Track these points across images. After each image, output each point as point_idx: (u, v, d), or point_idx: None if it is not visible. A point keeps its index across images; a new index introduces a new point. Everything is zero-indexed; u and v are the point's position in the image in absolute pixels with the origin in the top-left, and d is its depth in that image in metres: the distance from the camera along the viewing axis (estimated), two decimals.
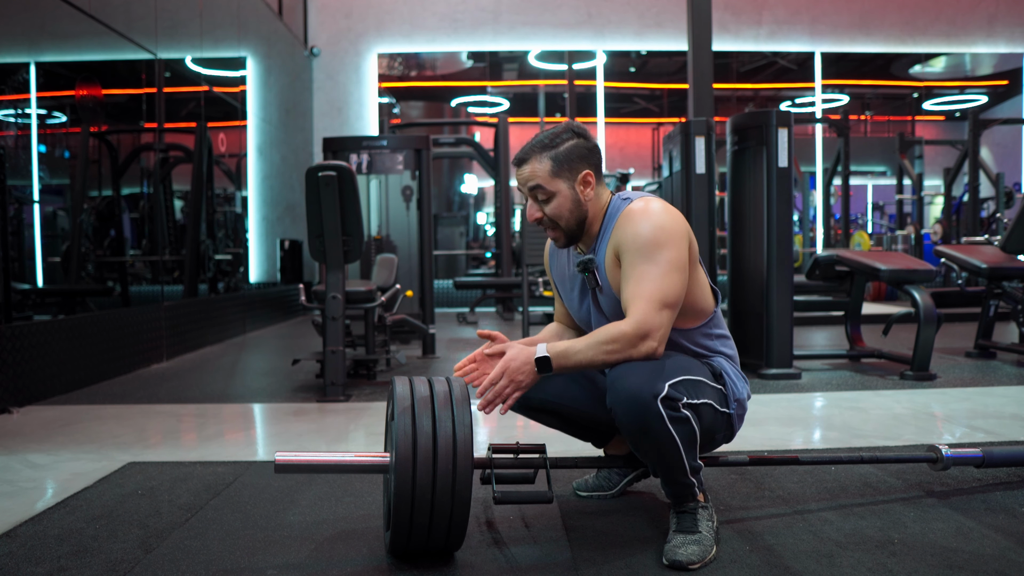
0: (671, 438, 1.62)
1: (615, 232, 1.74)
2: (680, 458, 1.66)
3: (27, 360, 3.60)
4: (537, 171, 1.75)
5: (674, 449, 1.63)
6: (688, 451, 1.66)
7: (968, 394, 3.61)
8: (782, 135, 4.00)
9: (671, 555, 1.65)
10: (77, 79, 4.60)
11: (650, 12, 10.17)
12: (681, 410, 1.61)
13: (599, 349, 1.63)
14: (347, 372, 3.98)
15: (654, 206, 1.73)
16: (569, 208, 1.77)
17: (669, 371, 1.65)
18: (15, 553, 1.77)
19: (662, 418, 1.59)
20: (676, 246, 1.68)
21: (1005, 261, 4.63)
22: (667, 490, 1.76)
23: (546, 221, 1.79)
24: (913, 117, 13.70)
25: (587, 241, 1.85)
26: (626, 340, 1.62)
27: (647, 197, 1.78)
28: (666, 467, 1.69)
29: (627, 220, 1.72)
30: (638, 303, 1.64)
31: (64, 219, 4.58)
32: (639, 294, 1.65)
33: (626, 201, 1.77)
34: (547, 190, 1.76)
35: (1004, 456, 2.16)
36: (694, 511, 1.74)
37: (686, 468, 1.69)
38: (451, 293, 9.35)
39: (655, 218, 1.70)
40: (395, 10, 10.03)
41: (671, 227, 1.70)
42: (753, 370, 4.16)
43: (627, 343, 1.63)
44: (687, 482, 1.72)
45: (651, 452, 1.66)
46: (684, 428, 1.63)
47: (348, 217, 3.62)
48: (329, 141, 5.62)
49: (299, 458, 1.69)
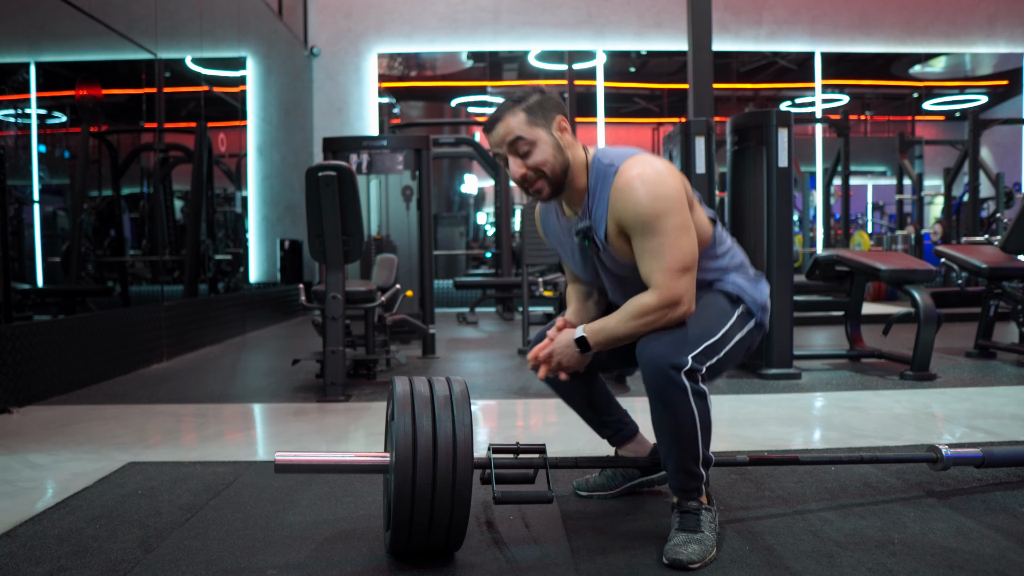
0: (690, 412, 1.68)
1: (614, 204, 1.72)
2: (695, 438, 1.70)
3: (27, 360, 3.60)
4: (513, 124, 1.74)
5: (691, 426, 1.68)
6: (704, 433, 1.71)
7: (968, 394, 3.61)
8: (782, 135, 4.00)
9: (671, 554, 1.65)
10: (77, 79, 4.60)
11: (650, 12, 10.17)
12: (701, 383, 1.69)
13: (633, 323, 1.72)
14: (347, 372, 3.98)
15: (647, 173, 1.70)
16: (552, 154, 1.75)
17: (693, 338, 1.71)
18: (15, 553, 1.77)
19: (685, 390, 1.66)
20: (677, 210, 1.69)
21: (1005, 261, 4.63)
22: (674, 482, 1.76)
23: (530, 175, 1.77)
24: (913, 117, 13.71)
25: (574, 198, 1.82)
26: (657, 311, 1.70)
27: (634, 159, 1.74)
28: (680, 448, 1.71)
29: (625, 192, 1.70)
30: (657, 276, 1.69)
31: (64, 219, 4.58)
32: (657, 268, 1.70)
33: (611, 167, 1.74)
34: (527, 139, 1.74)
35: (1004, 456, 2.16)
36: (697, 511, 1.74)
37: (699, 452, 1.72)
38: (451, 293, 9.35)
39: (653, 187, 1.68)
40: (395, 10, 10.03)
41: (668, 191, 1.69)
42: (753, 370, 4.16)
43: (658, 314, 1.70)
44: (696, 472, 1.73)
45: (667, 425, 1.70)
46: (703, 404, 1.69)
47: (348, 217, 3.62)
48: (329, 141, 5.62)
49: (299, 458, 1.68)
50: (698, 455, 1.72)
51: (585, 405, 2.10)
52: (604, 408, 2.10)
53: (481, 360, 5.01)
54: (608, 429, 2.12)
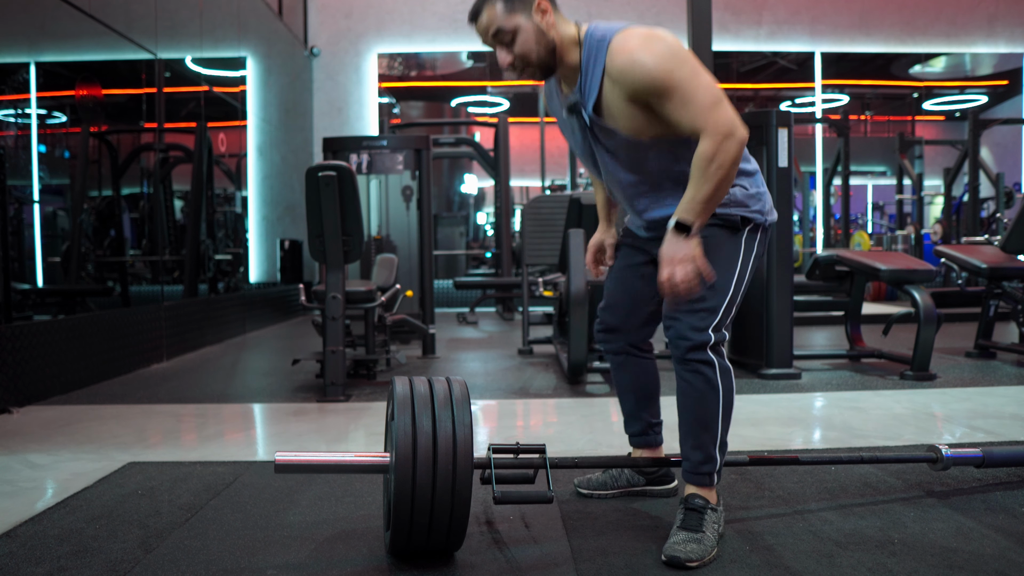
0: (715, 388, 1.75)
1: (617, 77, 1.69)
2: (716, 415, 1.76)
3: (27, 360, 3.60)
4: (492, 16, 1.75)
5: (715, 403, 1.76)
6: (725, 412, 1.78)
7: (968, 394, 3.61)
8: (782, 135, 4.00)
9: (670, 551, 1.65)
10: (77, 79, 4.60)
11: (650, 12, 10.17)
12: (727, 359, 1.79)
13: (705, 176, 1.65)
14: (347, 372, 3.98)
15: (642, 39, 1.68)
16: (535, 39, 1.74)
17: (712, 306, 1.76)
18: (15, 553, 1.77)
19: (713, 366, 1.75)
20: (683, 58, 1.67)
21: (1005, 261, 4.63)
22: (688, 464, 1.79)
23: (516, 63, 1.77)
24: (913, 117, 13.70)
25: (569, 75, 1.81)
26: (716, 152, 1.64)
27: (625, 32, 1.71)
28: (700, 425, 1.76)
29: (629, 66, 1.67)
30: (699, 121, 1.65)
31: (64, 219, 4.58)
32: (693, 114, 1.65)
33: (603, 41, 1.71)
34: (507, 29, 1.74)
35: (1004, 456, 2.16)
36: (702, 510, 1.74)
37: (718, 432, 1.77)
38: (451, 293, 9.35)
39: (653, 51, 1.66)
40: (395, 10, 10.03)
41: (667, 47, 1.66)
42: (753, 370, 4.16)
43: (720, 153, 1.63)
44: (712, 455, 1.77)
45: (691, 400, 1.77)
46: (727, 382, 1.77)
47: (348, 217, 3.62)
48: (329, 141, 5.62)
49: (299, 458, 1.68)
50: (716, 435, 1.76)
51: (632, 389, 2.10)
52: (646, 401, 2.11)
53: (481, 360, 5.01)
54: (638, 424, 2.11)
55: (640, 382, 2.09)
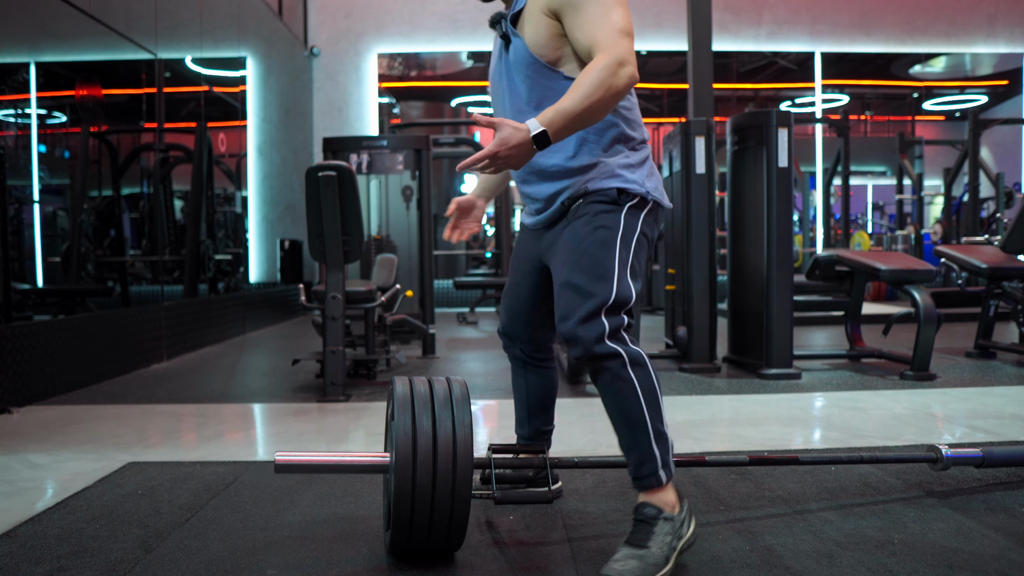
0: (628, 379, 1.60)
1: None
2: (639, 408, 1.60)
3: (27, 360, 3.60)
4: None
5: (632, 395, 1.60)
6: (648, 399, 1.61)
7: (968, 394, 3.61)
8: (782, 135, 4.00)
9: (604, 570, 1.52)
10: (77, 79, 4.60)
11: (650, 12, 10.16)
12: (630, 342, 1.62)
13: (585, 92, 1.50)
14: (347, 372, 3.98)
15: None
16: None
17: (596, 292, 1.61)
18: (15, 553, 1.77)
19: (619, 357, 1.60)
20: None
21: (1005, 261, 4.63)
22: (629, 469, 1.65)
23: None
24: (913, 117, 13.70)
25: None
26: (606, 70, 1.50)
27: None
28: (627, 422, 1.62)
29: None
30: (600, 36, 1.55)
31: (64, 219, 4.58)
32: (598, 29, 1.56)
33: None
34: None
35: (1004, 456, 2.16)
36: (652, 520, 1.59)
37: (647, 425, 1.60)
38: (451, 293, 9.35)
39: None
40: (395, 10, 10.03)
41: None
42: (753, 370, 4.16)
43: (607, 74, 1.50)
44: (648, 451, 1.60)
45: (608, 398, 1.63)
46: (641, 372, 1.61)
47: (348, 217, 3.62)
48: (329, 141, 5.62)
49: (299, 458, 1.68)
50: (647, 429, 1.60)
51: (524, 396, 2.06)
52: (538, 409, 2.07)
53: (481, 360, 5.01)
54: (527, 429, 2.08)
55: (533, 391, 2.05)
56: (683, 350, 4.38)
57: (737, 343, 4.41)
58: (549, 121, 1.51)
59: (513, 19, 1.69)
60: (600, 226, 1.67)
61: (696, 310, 4.27)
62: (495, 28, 1.73)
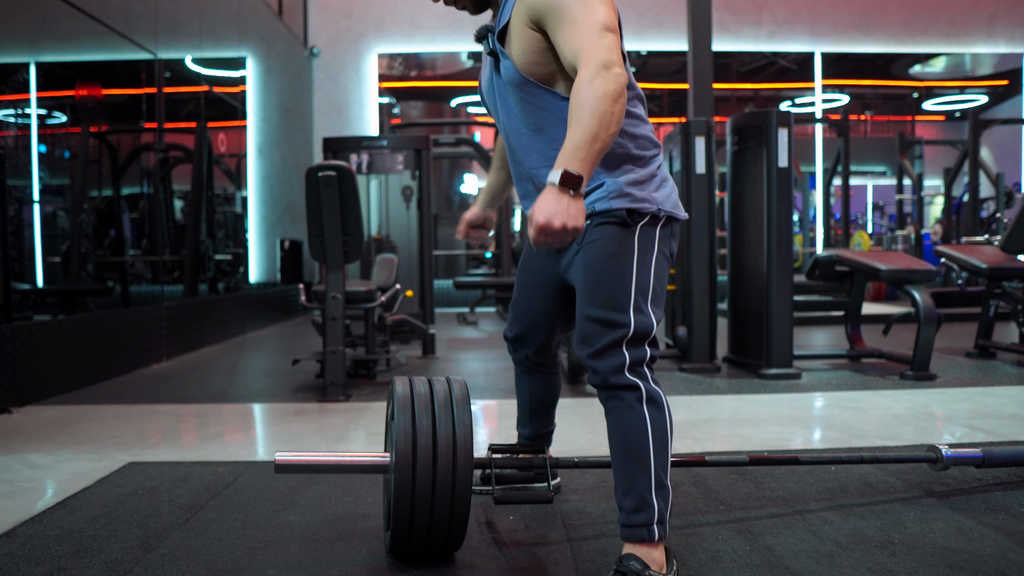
0: (640, 417, 1.51)
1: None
2: (646, 448, 1.50)
3: (27, 360, 3.60)
4: None
5: (641, 433, 1.50)
6: (657, 444, 1.51)
7: (968, 394, 3.61)
8: (782, 135, 4.00)
9: None
10: (77, 79, 4.60)
11: (650, 12, 10.17)
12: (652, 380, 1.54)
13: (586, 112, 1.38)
14: (347, 372, 3.98)
15: None
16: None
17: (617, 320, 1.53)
18: (15, 553, 1.77)
19: (636, 390, 1.51)
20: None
21: (1005, 261, 4.63)
22: (620, 515, 1.53)
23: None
24: (913, 117, 13.71)
25: (496, 7, 1.72)
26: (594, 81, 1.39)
27: None
28: (631, 459, 1.51)
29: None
30: (577, 41, 1.45)
31: (64, 219, 4.58)
32: (576, 34, 1.45)
33: None
34: None
35: (1004, 456, 2.16)
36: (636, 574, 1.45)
37: (651, 470, 1.50)
38: (451, 293, 9.35)
39: None
40: (395, 10, 10.03)
41: None
42: (753, 370, 4.16)
43: (598, 85, 1.38)
44: (647, 499, 1.49)
45: (614, 433, 1.55)
46: (656, 412, 1.52)
47: (348, 217, 3.62)
48: (329, 141, 5.62)
49: (299, 458, 1.68)
50: (650, 474, 1.49)
51: (528, 399, 2.08)
52: (540, 412, 2.08)
53: (481, 360, 5.01)
54: (529, 429, 2.09)
55: (536, 394, 2.06)
56: (683, 350, 4.38)
57: (737, 343, 4.41)
58: (566, 160, 1.38)
59: (500, 34, 1.61)
60: (613, 253, 1.57)
61: (696, 310, 4.27)
62: (482, 43, 1.64)
